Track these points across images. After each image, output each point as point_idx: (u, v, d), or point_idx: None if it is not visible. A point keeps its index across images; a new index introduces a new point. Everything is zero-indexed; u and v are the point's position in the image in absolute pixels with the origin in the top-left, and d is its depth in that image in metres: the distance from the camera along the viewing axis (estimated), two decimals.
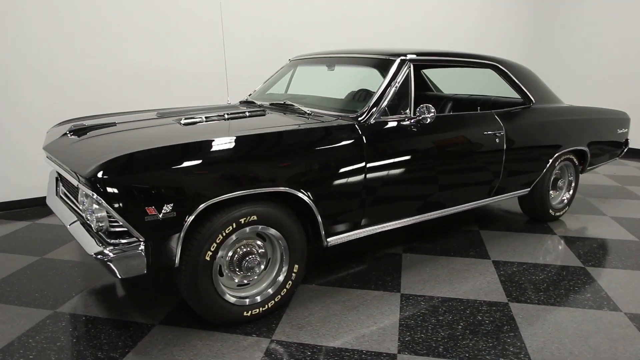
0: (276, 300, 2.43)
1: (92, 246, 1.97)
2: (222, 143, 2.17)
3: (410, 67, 2.87)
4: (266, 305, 2.40)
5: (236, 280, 2.35)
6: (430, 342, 2.22)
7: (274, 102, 3.14)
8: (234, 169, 2.13)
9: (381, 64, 2.93)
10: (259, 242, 2.38)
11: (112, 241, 1.97)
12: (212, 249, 2.15)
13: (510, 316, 2.47)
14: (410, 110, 2.79)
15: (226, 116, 2.71)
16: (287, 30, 4.85)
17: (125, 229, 1.97)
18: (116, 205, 1.89)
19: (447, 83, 4.77)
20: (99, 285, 2.80)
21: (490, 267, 3.07)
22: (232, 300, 2.30)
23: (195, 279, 2.15)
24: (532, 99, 3.58)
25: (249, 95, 3.68)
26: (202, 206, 2.05)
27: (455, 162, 3.01)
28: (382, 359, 2.10)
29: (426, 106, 2.76)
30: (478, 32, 7.05)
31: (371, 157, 2.58)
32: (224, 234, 2.17)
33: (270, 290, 2.42)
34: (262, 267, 2.41)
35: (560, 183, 3.93)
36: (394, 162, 2.71)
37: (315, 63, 3.50)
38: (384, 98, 2.73)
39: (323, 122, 2.60)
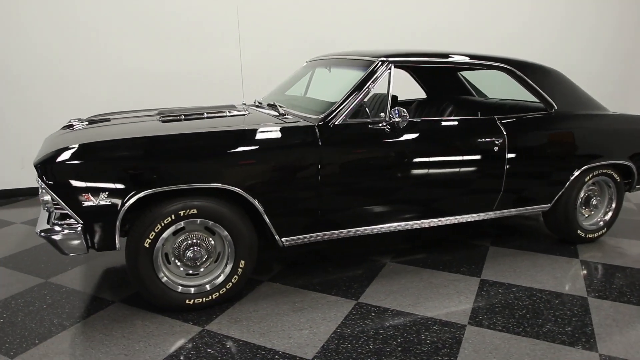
0: (221, 292, 2.52)
1: (40, 225, 2.25)
2: (160, 139, 2.33)
3: (390, 68, 2.77)
4: (210, 297, 2.50)
5: (181, 269, 2.48)
6: (352, 354, 2.15)
7: (270, 103, 3.22)
8: (167, 164, 2.27)
9: (361, 65, 2.86)
10: (211, 237, 2.50)
11: (57, 222, 2.22)
12: (151, 237, 2.31)
13: (458, 339, 2.27)
14: (385, 113, 2.70)
15: (205, 115, 2.86)
16: (306, 32, 4.90)
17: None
18: (57, 191, 2.14)
19: (490, 87, 4.44)
20: (94, 263, 3.14)
21: (474, 286, 2.83)
22: (176, 287, 2.45)
23: (136, 263, 2.33)
24: (554, 105, 3.20)
25: (262, 97, 3.81)
26: (136, 196, 2.22)
27: (435, 170, 2.83)
28: None
29: (398, 109, 2.65)
30: (563, 32, 6.37)
31: (327, 160, 2.54)
32: (163, 224, 2.32)
33: (216, 283, 2.52)
34: (208, 259, 2.51)
35: (595, 201, 3.46)
36: (356, 167, 2.64)
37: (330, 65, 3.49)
38: (351, 100, 2.67)
39: (278, 122, 2.62)
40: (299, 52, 4.52)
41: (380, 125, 2.67)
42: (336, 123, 2.62)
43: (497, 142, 2.93)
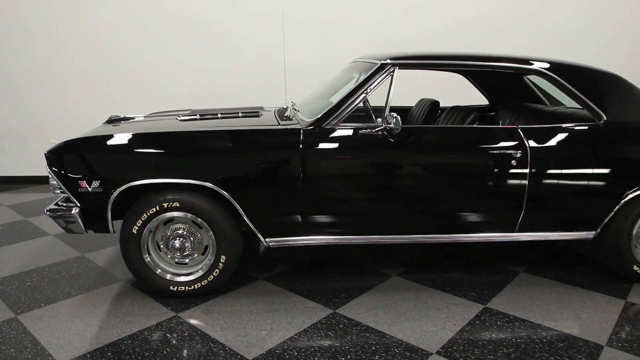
0: (202, 284, 2.65)
1: (50, 206, 2.60)
2: (145, 136, 2.55)
3: (392, 72, 2.63)
4: (192, 287, 2.65)
5: (168, 257, 2.67)
6: None
7: (294, 106, 3.25)
8: (154, 159, 2.47)
9: (366, 68, 2.75)
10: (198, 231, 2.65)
11: (61, 204, 2.56)
12: (139, 225, 2.54)
13: None
14: (382, 118, 2.57)
15: (219, 115, 3.02)
16: (349, 34, 4.78)
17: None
18: (59, 177, 2.47)
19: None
20: None
21: (471, 313, 2.54)
22: (161, 273, 2.64)
23: (126, 247, 2.58)
24: (602, 115, 2.71)
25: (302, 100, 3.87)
26: (124, 186, 2.45)
27: (436, 182, 2.62)
28: (234, 358, 2.12)
29: (391, 115, 2.50)
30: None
31: (309, 165, 2.51)
32: (149, 214, 2.53)
33: (197, 274, 2.65)
34: (194, 250, 2.65)
35: None
36: (342, 173, 2.57)
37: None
38: (344, 104, 2.59)
39: (266, 125, 2.66)
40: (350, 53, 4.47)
41: (372, 131, 2.55)
42: (325, 127, 2.57)
43: (515, 155, 2.59)
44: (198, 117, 2.99)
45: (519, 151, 2.59)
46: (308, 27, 4.75)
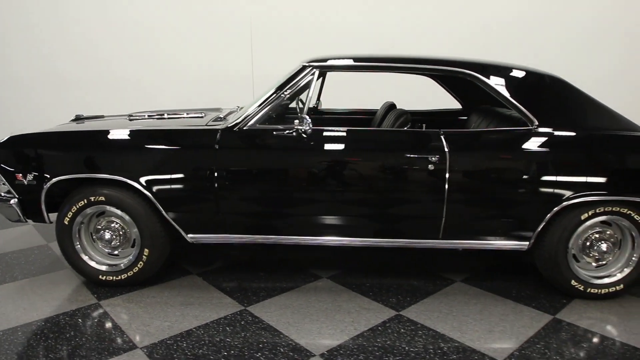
0: (128, 275, 2.78)
1: None
2: (72, 134, 2.74)
3: (314, 74, 2.64)
4: (119, 277, 2.79)
5: (100, 246, 2.83)
6: (173, 353, 2.19)
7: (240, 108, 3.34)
8: (78, 155, 2.65)
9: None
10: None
11: (4, 195, 2.79)
12: (69, 216, 2.72)
13: None
14: (300, 120, 2.59)
15: (166, 115, 3.17)
16: (315, 39, 4.76)
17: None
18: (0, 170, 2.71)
19: None
20: None
21: (379, 319, 2.49)
22: (91, 262, 2.80)
23: (61, 237, 2.77)
24: (534, 120, 2.56)
25: None
26: (54, 180, 2.64)
27: (349, 185, 2.60)
28: (126, 345, 2.24)
29: (304, 117, 2.53)
30: None
31: (224, 165, 2.58)
32: (78, 206, 2.70)
33: (124, 265, 2.79)
34: (122, 243, 2.80)
35: (605, 247, 2.65)
36: (256, 173, 2.62)
37: None
38: (264, 105, 2.64)
39: (189, 126, 2.76)
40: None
41: (286, 132, 2.58)
42: (243, 128, 2.63)
43: (432, 159, 2.52)
44: (146, 116, 3.15)
45: (437, 155, 2.52)
46: (276, 30, 4.84)
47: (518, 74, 2.68)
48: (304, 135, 2.57)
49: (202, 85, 5.06)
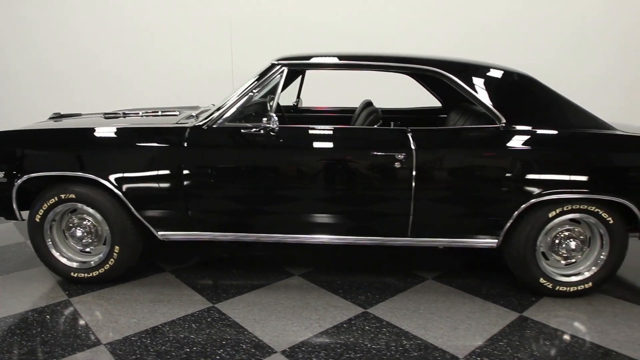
0: (100, 272, 2.79)
1: None
2: (42, 133, 2.75)
3: (282, 72, 2.65)
4: (91, 274, 2.80)
5: (72, 243, 2.84)
6: (135, 349, 2.20)
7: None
8: (48, 154, 2.67)
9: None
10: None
11: None
12: (40, 213, 2.73)
13: None
14: (268, 118, 2.60)
15: (141, 113, 3.18)
16: (296, 39, 4.77)
17: None
18: None
19: None
20: None
21: (345, 317, 2.50)
22: (63, 259, 2.82)
23: (33, 233, 2.78)
24: (502, 118, 2.57)
25: None
26: (24, 177, 2.66)
27: (317, 182, 2.61)
28: (90, 341, 2.26)
29: (271, 115, 2.53)
30: None
31: (192, 163, 2.60)
32: (49, 204, 2.71)
33: (96, 262, 2.80)
34: (94, 240, 2.81)
35: (573, 245, 2.65)
36: (224, 171, 2.63)
37: None
38: (233, 104, 2.65)
39: (159, 124, 2.77)
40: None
41: (253, 130, 2.59)
42: (212, 126, 2.64)
43: (398, 157, 2.52)
44: (122, 114, 3.16)
45: (403, 153, 2.52)
46: (256, 28, 4.85)
47: (486, 71, 2.68)
48: (272, 134, 2.57)
49: (186, 83, 5.07)
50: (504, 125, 2.57)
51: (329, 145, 2.65)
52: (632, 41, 5.07)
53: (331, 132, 2.66)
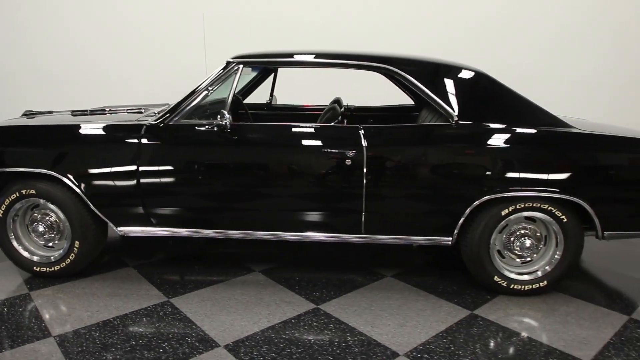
0: (61, 266, 2.84)
1: None
2: (12, 129, 2.79)
3: (237, 70, 2.67)
4: (52, 268, 2.85)
5: (35, 238, 2.90)
6: (83, 341, 2.24)
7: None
8: (10, 149, 2.72)
9: None
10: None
11: None
12: (3, 208, 2.79)
13: None
14: (221, 115, 2.62)
15: (107, 111, 3.23)
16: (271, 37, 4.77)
17: None
18: None
19: None
20: None
21: (295, 312, 2.52)
22: (25, 253, 2.87)
23: None
24: (453, 115, 2.56)
25: None
26: None
27: (269, 179, 2.64)
28: (40, 334, 2.31)
29: (221, 112, 2.56)
30: None
31: (146, 159, 2.63)
32: (11, 199, 2.77)
33: (57, 257, 2.85)
34: (56, 235, 2.87)
35: (529, 243, 2.64)
36: (178, 168, 2.67)
37: None
38: (189, 101, 2.68)
39: (118, 121, 2.81)
40: None
41: (206, 128, 2.62)
42: (168, 123, 2.68)
43: (349, 154, 2.53)
44: (88, 112, 3.21)
45: (354, 150, 2.53)
46: (229, 25, 4.89)
47: (440, 69, 2.68)
48: (228, 130, 2.60)
49: (161, 80, 5.14)
50: (456, 122, 2.57)
51: (281, 142, 2.67)
52: (622, 40, 5.02)
53: (282, 129, 2.68)
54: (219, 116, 2.59)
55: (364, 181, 2.55)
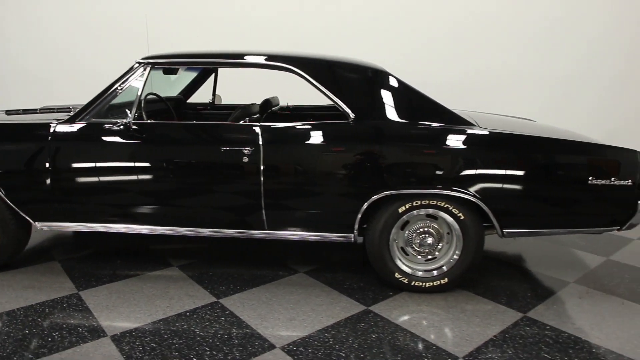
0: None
1: None
2: None
3: (146, 70, 2.75)
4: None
5: None
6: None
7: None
8: None
9: None
10: None
11: None
12: None
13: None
14: (129, 114, 2.70)
15: (37, 109, 3.34)
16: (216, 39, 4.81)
17: None
18: None
19: None
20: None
21: (193, 305, 2.58)
22: None
23: None
24: (350, 113, 2.59)
25: None
26: None
27: (170, 176, 2.71)
28: None
29: (125, 111, 2.65)
30: None
31: (57, 157, 2.73)
32: None
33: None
34: None
35: (430, 241, 2.65)
36: (85, 165, 2.76)
37: None
38: (99, 100, 2.77)
39: (31, 120, 2.93)
40: None
41: (112, 126, 2.70)
42: (77, 121, 2.76)
43: (245, 152, 2.58)
44: (21, 111, 3.33)
45: (250, 148, 2.58)
46: (171, 29, 4.98)
47: (337, 67, 2.72)
48: (135, 127, 2.68)
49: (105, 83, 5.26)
50: (352, 120, 2.59)
51: (183, 140, 2.74)
52: (603, 41, 4.94)
53: (184, 127, 2.75)
54: (127, 115, 2.67)
55: (262, 178, 2.60)
